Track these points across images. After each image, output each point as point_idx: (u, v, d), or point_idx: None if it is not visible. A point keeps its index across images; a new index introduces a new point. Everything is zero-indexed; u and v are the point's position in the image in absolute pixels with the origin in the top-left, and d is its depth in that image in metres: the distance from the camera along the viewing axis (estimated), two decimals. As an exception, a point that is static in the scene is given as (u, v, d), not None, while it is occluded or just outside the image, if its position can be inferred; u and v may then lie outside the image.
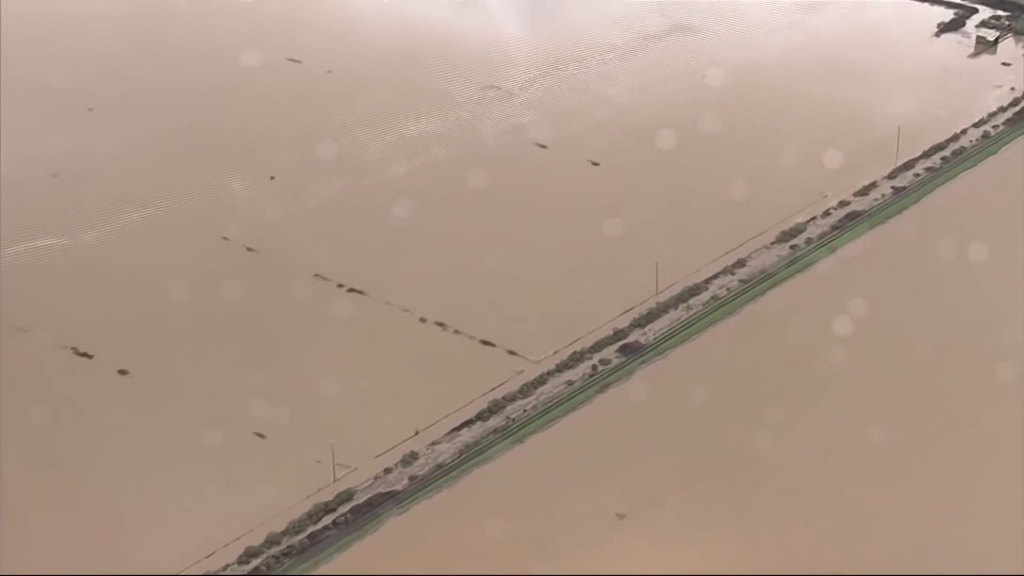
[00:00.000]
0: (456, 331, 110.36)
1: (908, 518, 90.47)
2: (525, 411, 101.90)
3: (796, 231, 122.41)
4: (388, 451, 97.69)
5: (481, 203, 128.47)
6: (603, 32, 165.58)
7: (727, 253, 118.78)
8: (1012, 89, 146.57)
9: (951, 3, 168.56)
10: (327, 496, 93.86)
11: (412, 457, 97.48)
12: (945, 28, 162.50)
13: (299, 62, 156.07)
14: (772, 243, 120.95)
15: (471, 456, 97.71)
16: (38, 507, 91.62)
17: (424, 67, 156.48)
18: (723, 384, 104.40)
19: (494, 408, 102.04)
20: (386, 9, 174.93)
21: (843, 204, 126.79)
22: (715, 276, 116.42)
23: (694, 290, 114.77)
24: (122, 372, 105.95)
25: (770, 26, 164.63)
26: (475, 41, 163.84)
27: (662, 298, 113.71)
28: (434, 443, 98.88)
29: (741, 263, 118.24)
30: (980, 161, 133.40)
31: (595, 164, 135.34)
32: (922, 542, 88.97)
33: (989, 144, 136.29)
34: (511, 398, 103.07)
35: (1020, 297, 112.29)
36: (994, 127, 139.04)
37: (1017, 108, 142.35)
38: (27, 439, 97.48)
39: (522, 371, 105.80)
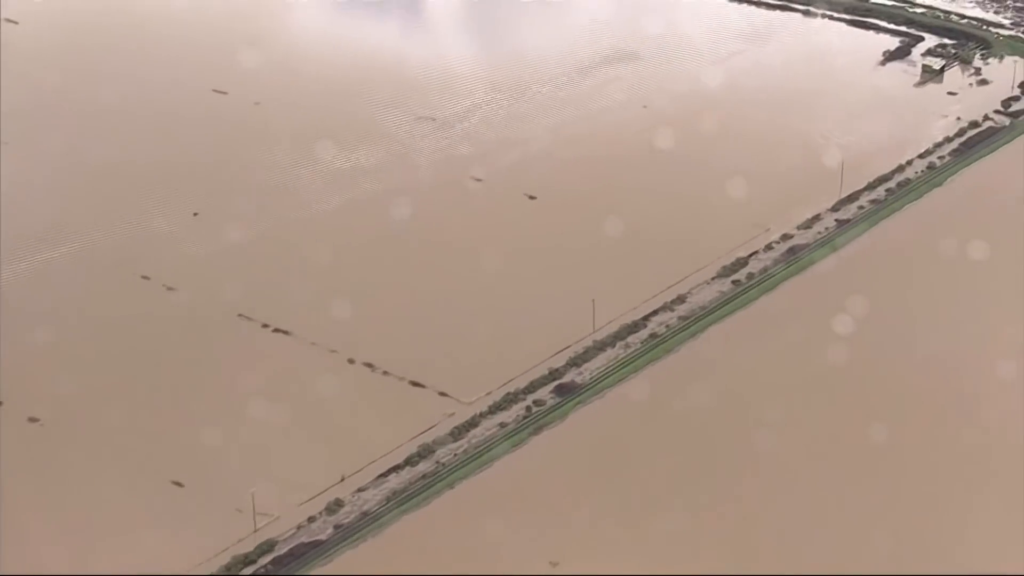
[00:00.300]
0: (385, 372, 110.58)
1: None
2: (456, 455, 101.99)
3: (738, 266, 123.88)
4: (312, 499, 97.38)
5: (413, 239, 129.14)
6: (544, 60, 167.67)
7: (667, 289, 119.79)
8: (958, 119, 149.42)
9: (897, 31, 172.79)
10: (247, 547, 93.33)
11: (337, 505, 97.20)
12: (891, 57, 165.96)
13: (225, 93, 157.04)
14: (713, 278, 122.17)
15: (399, 503, 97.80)
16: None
17: (357, 97, 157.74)
18: (661, 425, 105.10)
19: (424, 452, 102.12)
20: (318, 38, 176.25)
21: (786, 238, 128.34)
22: (654, 313, 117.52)
23: (632, 327, 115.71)
24: (32, 420, 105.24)
25: (713, 55, 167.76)
26: (410, 70, 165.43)
27: (599, 336, 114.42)
28: (360, 490, 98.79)
29: (681, 299, 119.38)
30: (925, 193, 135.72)
31: (532, 198, 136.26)
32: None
33: (935, 175, 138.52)
34: (441, 442, 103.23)
35: (966, 330, 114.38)
36: (940, 158, 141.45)
37: (963, 138, 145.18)
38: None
39: (453, 413, 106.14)
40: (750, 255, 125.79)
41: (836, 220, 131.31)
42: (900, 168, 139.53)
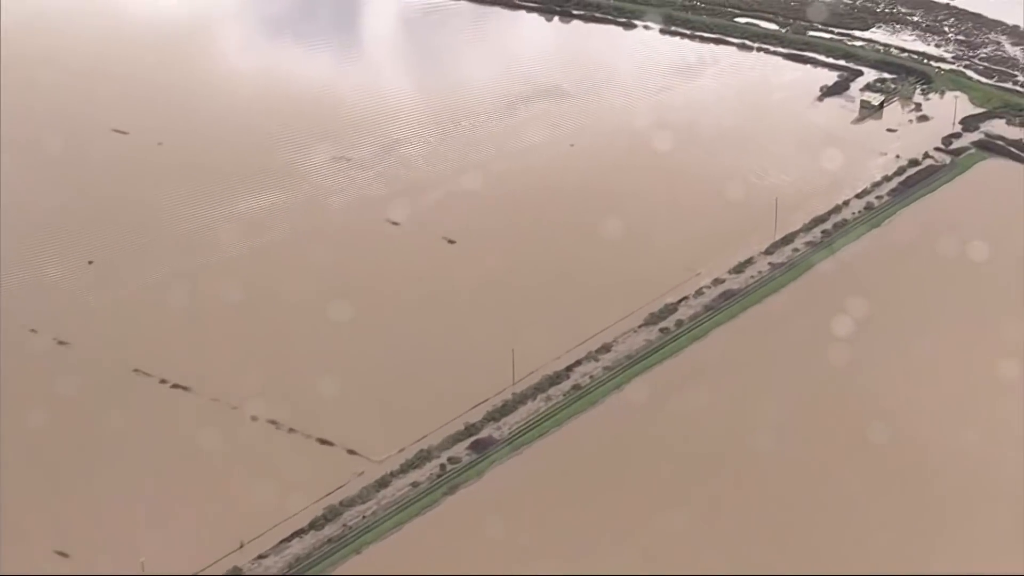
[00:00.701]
0: (291, 429, 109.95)
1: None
2: (365, 517, 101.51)
3: (666, 312, 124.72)
4: (209, 567, 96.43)
5: (323, 287, 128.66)
6: (468, 96, 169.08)
7: (591, 337, 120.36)
8: (897, 157, 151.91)
9: (835, 65, 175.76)
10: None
11: (236, 573, 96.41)
12: (828, 92, 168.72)
13: (126, 133, 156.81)
14: (640, 326, 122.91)
15: (302, 570, 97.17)
16: None
17: (269, 136, 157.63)
18: (582, 482, 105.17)
19: (330, 515, 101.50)
20: (230, 72, 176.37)
21: (717, 282, 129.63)
22: (577, 363, 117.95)
23: (554, 379, 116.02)
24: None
25: (644, 90, 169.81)
26: (328, 106, 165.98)
27: (519, 388, 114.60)
28: (261, 556, 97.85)
29: (606, 348, 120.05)
30: (862, 235, 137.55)
31: (451, 242, 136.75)
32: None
33: (872, 216, 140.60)
34: (349, 503, 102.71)
35: (901, 374, 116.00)
36: (878, 198, 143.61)
37: (902, 177, 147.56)
38: None
39: (363, 472, 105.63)
40: (679, 301, 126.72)
41: (770, 264, 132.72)
42: (837, 208, 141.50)
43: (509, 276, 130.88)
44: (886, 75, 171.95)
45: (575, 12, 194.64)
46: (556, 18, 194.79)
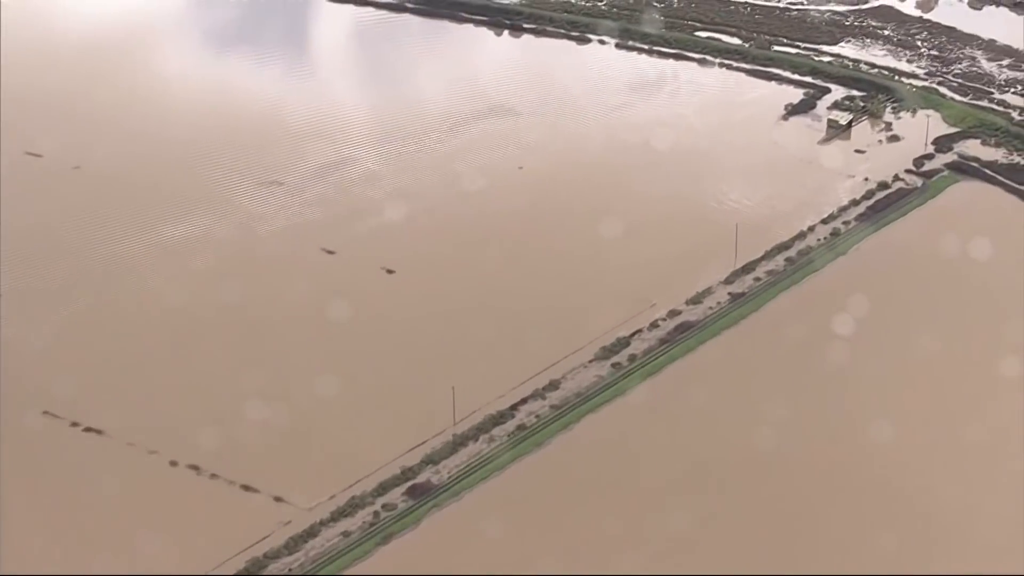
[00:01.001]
0: (213, 475, 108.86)
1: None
2: (291, 570, 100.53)
3: (619, 346, 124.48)
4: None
5: (251, 321, 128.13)
6: (410, 115, 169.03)
7: (538, 374, 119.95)
8: (866, 180, 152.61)
9: (801, 82, 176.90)
10: None
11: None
12: (793, 110, 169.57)
13: (39, 156, 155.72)
14: (591, 361, 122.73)
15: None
16: None
17: (195, 158, 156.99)
18: (528, 529, 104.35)
19: (253, 568, 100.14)
20: (155, 92, 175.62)
21: (673, 314, 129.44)
22: (523, 401, 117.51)
23: (498, 418, 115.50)
24: None
25: (599, 109, 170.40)
26: (259, 127, 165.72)
27: (460, 429, 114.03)
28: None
29: (554, 385, 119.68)
30: (828, 263, 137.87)
31: (390, 272, 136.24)
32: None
33: (838, 243, 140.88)
34: (274, 555, 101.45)
35: (868, 411, 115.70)
36: (845, 223, 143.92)
37: (871, 201, 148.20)
38: None
39: (290, 521, 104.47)
40: (633, 334, 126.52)
41: (729, 294, 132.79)
42: (801, 235, 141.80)
43: (451, 308, 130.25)
44: (855, 92, 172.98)
45: (526, 26, 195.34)
46: (506, 32, 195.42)
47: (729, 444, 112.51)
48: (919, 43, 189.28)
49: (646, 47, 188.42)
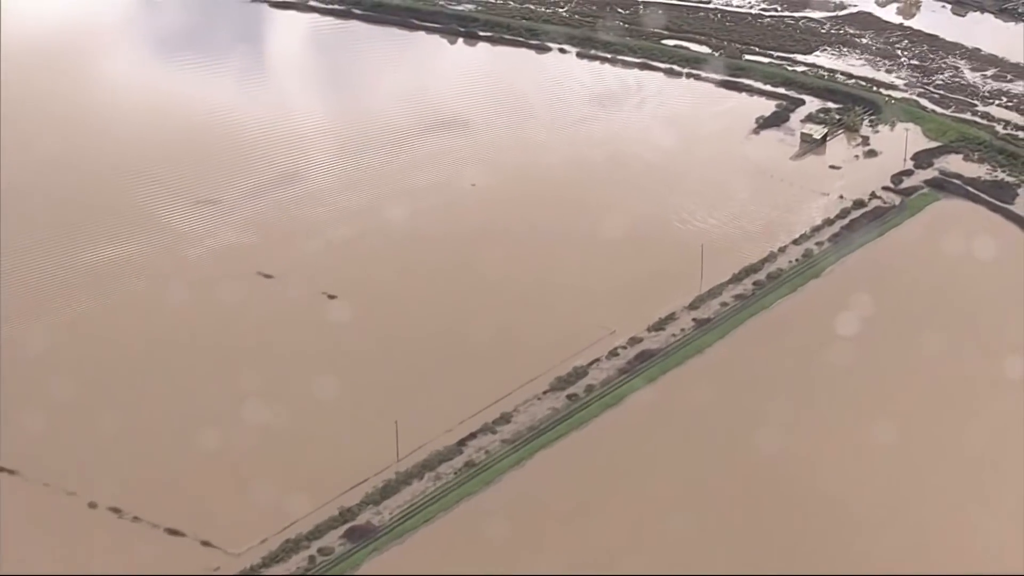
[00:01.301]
0: (135, 518, 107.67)
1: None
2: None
3: (575, 376, 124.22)
4: None
5: (182, 350, 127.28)
6: (356, 129, 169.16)
7: (488, 406, 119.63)
8: (841, 198, 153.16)
9: (773, 94, 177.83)
10: None
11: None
12: (765, 124, 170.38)
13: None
14: (546, 392, 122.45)
15: None
16: None
17: (123, 174, 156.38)
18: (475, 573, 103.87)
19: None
20: (81, 103, 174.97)
21: (634, 341, 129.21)
22: (472, 436, 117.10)
23: (444, 455, 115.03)
24: None
25: (556, 121, 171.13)
26: (194, 140, 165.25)
27: (404, 466, 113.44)
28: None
29: (505, 418, 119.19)
30: (800, 286, 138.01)
31: (331, 297, 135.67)
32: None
33: (811, 265, 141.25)
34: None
35: (837, 444, 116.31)
36: (818, 244, 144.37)
37: (845, 221, 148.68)
38: None
39: (218, 568, 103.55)
40: (590, 363, 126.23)
41: (694, 320, 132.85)
42: (771, 256, 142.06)
43: (397, 336, 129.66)
44: (830, 105, 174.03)
45: (482, 34, 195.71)
46: (460, 40, 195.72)
47: (694, 482, 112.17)
48: (899, 52, 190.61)
49: (609, 56, 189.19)
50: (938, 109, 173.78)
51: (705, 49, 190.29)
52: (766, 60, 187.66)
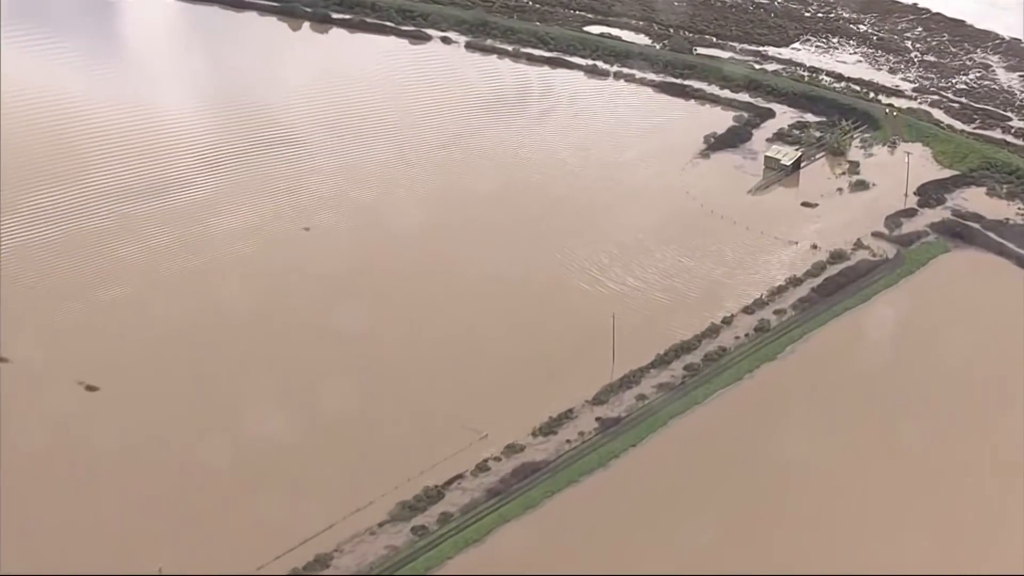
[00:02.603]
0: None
1: None
2: None
3: (427, 501, 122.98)
4: None
5: None
6: (142, 147, 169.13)
7: (301, 544, 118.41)
8: (814, 247, 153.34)
9: (732, 101, 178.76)
10: None
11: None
12: (717, 143, 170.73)
13: None
14: (382, 523, 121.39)
15: None
16: None
17: None
18: None
19: None
20: None
21: (512, 450, 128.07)
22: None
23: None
24: None
25: (424, 141, 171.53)
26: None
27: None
28: None
29: (322, 562, 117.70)
30: (748, 373, 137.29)
31: (91, 389, 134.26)
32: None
33: (766, 343, 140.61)
34: None
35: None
36: (778, 313, 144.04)
37: (818, 280, 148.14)
38: None
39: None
40: (449, 482, 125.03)
41: (598, 420, 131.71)
42: (712, 331, 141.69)
43: (173, 441, 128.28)
44: (809, 117, 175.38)
45: (336, 16, 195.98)
46: (306, 25, 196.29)
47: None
48: (909, 44, 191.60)
49: (510, 48, 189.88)
50: (957, 124, 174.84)
51: (642, 39, 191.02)
52: (725, 54, 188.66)
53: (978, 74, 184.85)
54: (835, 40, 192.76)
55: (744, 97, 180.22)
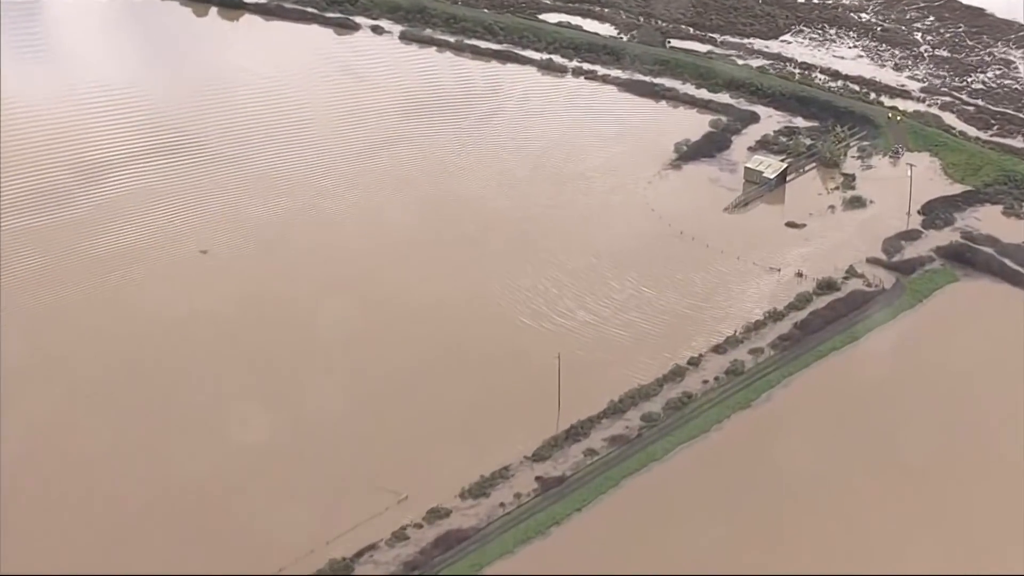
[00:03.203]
0: None
1: None
2: None
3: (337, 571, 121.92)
4: None
5: None
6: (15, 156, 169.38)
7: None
8: (800, 276, 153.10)
9: (709, 103, 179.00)
10: None
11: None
12: (691, 153, 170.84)
13: None
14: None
15: None
16: None
17: None
18: None
19: None
20: None
21: (435, 515, 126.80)
22: None
23: None
24: None
25: (346, 151, 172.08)
26: None
27: None
28: None
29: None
30: (717, 423, 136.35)
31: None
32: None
33: (739, 386, 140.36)
34: None
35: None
36: (754, 352, 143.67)
37: (803, 314, 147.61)
38: None
39: None
40: (361, 552, 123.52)
41: (538, 480, 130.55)
42: (676, 373, 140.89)
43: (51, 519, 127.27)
44: (799, 122, 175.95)
45: (249, 1, 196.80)
46: (214, 10, 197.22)
47: None
48: (919, 35, 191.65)
49: (452, 39, 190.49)
50: (971, 130, 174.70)
51: (607, 28, 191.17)
52: (703, 48, 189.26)
53: (998, 71, 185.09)
54: (832, 31, 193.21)
55: (724, 98, 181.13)
